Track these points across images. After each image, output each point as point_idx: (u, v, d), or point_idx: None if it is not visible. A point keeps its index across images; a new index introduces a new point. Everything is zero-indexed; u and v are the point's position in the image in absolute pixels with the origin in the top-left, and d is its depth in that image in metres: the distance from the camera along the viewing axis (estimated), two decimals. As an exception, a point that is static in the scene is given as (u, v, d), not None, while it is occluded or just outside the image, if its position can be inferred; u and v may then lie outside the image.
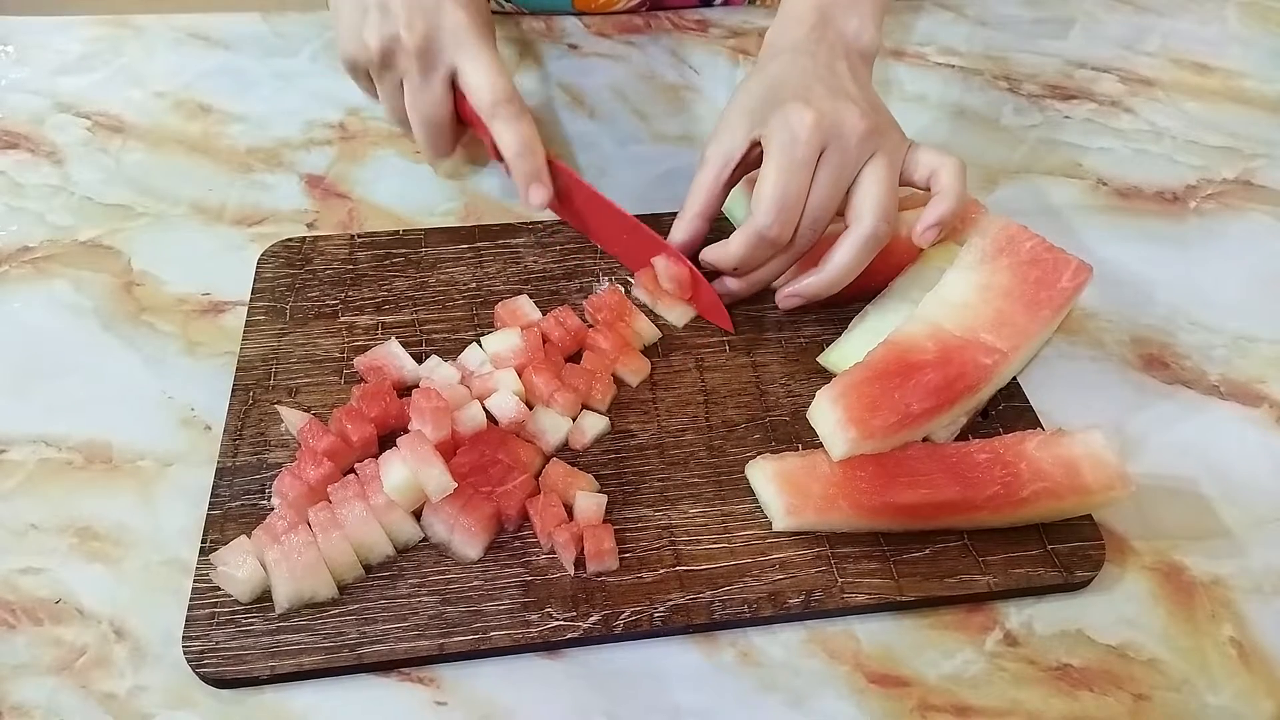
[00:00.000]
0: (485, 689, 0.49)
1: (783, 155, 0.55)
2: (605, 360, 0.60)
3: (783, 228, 0.56)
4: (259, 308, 0.64)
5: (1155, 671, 0.50)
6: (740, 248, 0.58)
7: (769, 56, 0.62)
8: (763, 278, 0.61)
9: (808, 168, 0.55)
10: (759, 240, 0.57)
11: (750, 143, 0.59)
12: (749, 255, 0.58)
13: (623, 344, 0.60)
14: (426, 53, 0.61)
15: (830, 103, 0.56)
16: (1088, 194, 0.76)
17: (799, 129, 0.55)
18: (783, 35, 0.62)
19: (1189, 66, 0.88)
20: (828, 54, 0.60)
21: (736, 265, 0.59)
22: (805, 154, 0.55)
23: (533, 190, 0.62)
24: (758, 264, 0.59)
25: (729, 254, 0.58)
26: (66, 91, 0.81)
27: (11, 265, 0.68)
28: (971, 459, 0.53)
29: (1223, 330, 0.66)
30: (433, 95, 0.63)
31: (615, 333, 0.61)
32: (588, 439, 0.57)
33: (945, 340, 0.56)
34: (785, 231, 0.56)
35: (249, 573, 0.49)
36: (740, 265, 0.59)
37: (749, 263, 0.59)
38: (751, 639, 0.51)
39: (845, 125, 0.56)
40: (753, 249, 0.57)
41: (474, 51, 0.62)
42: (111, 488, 0.56)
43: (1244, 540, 0.55)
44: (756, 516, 0.54)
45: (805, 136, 0.55)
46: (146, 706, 0.48)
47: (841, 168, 0.56)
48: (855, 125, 0.56)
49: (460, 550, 0.51)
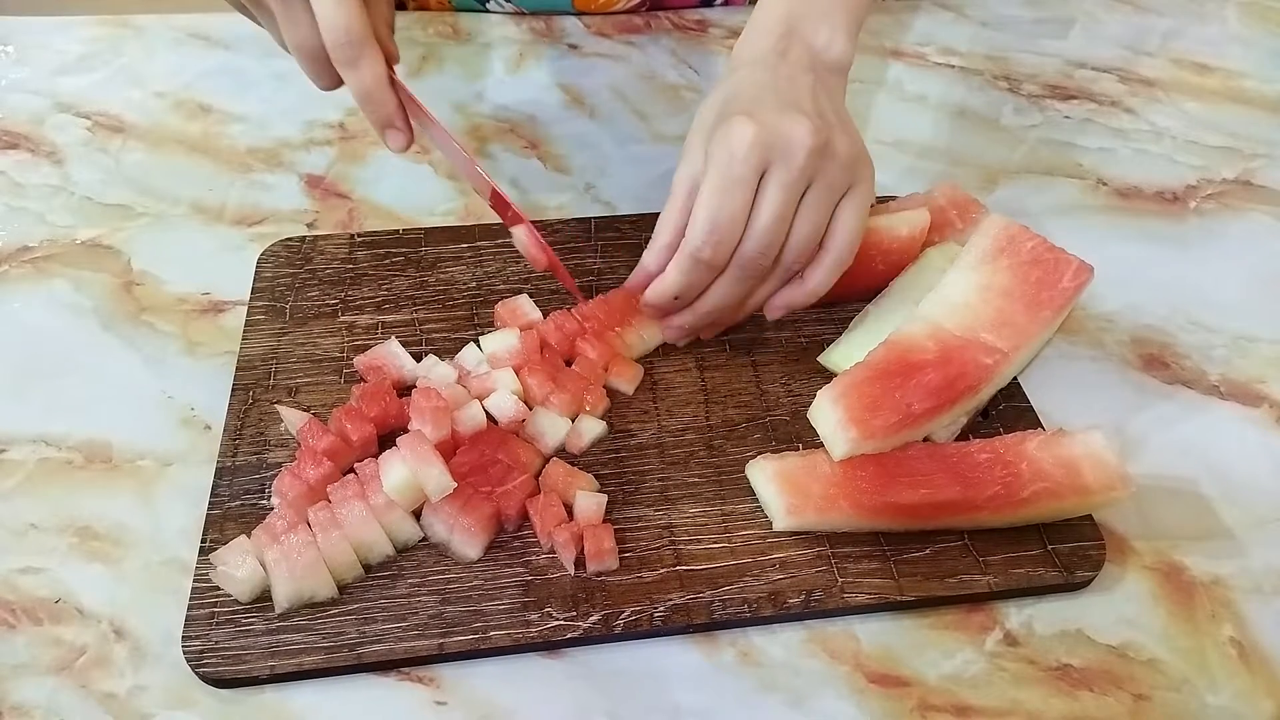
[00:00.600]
0: (485, 689, 0.49)
1: (717, 173, 0.52)
2: (595, 371, 0.59)
3: (716, 249, 0.52)
4: (259, 307, 0.64)
5: (1155, 671, 0.50)
6: (676, 274, 0.54)
7: (730, 70, 0.59)
8: (711, 306, 0.57)
9: (745, 185, 0.52)
10: (693, 264, 0.53)
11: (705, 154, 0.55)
12: (686, 282, 0.54)
13: (611, 353, 0.60)
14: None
15: (775, 116, 0.52)
16: (1088, 194, 0.76)
17: (737, 145, 0.51)
18: (747, 48, 0.59)
19: (1189, 66, 0.88)
20: (790, 67, 0.56)
21: (676, 294, 0.55)
22: (742, 171, 0.51)
23: (388, 136, 0.57)
24: (697, 290, 0.56)
25: (666, 283, 0.55)
26: (66, 91, 0.81)
27: (11, 265, 0.68)
28: (972, 459, 0.53)
29: (1223, 330, 0.66)
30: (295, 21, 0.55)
31: (604, 342, 0.60)
32: (585, 443, 0.57)
33: (946, 340, 0.56)
34: (720, 253, 0.53)
35: (248, 572, 0.49)
36: (680, 294, 0.55)
37: (689, 290, 0.55)
38: (751, 639, 0.51)
39: (792, 140, 0.52)
40: (688, 274, 0.54)
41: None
42: (111, 487, 0.56)
43: (1244, 540, 0.55)
44: (756, 516, 0.54)
45: (743, 153, 0.51)
46: (146, 706, 0.48)
47: (788, 186, 0.52)
48: (802, 140, 0.51)
49: (460, 550, 0.51)
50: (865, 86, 0.85)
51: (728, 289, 0.56)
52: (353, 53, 0.54)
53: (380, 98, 0.55)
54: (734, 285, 0.55)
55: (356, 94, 0.55)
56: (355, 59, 0.54)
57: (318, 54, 0.56)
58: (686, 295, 0.56)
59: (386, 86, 0.55)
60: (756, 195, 0.52)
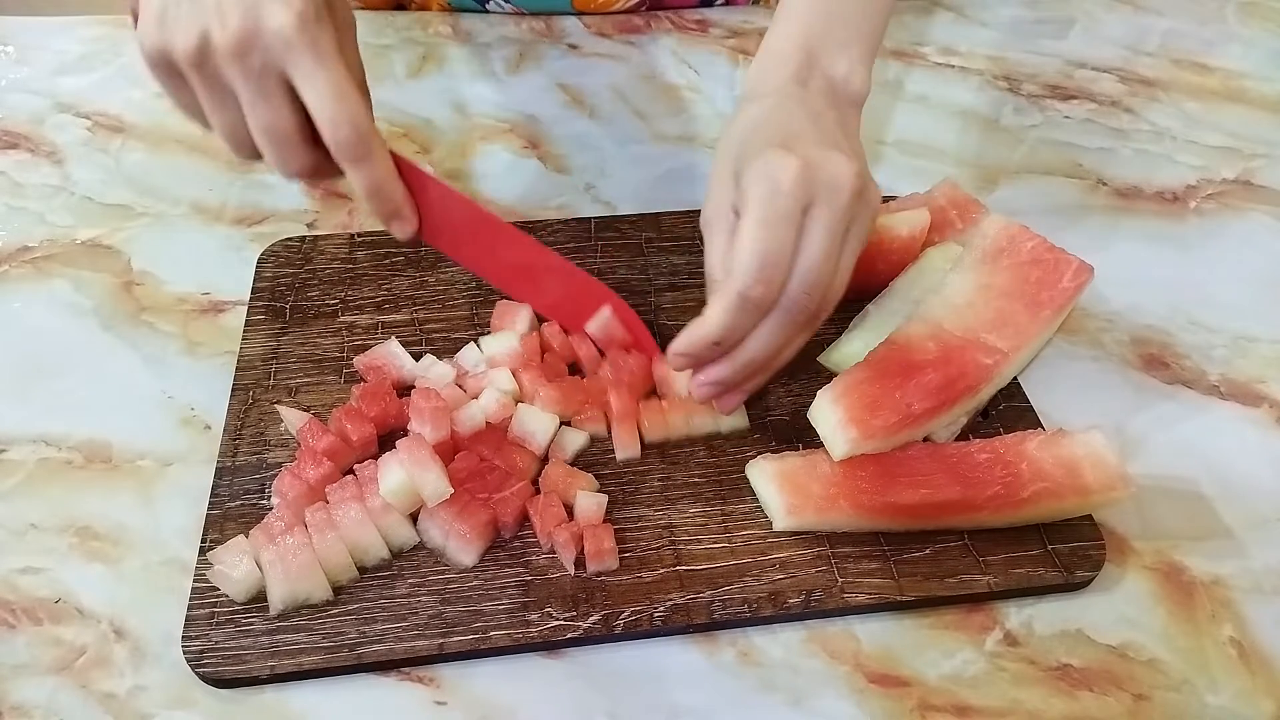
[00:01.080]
0: (485, 689, 0.49)
1: (762, 207, 0.48)
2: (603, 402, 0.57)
3: (767, 288, 0.48)
4: (259, 307, 0.64)
5: (1155, 671, 0.50)
6: (721, 315, 0.49)
7: (749, 99, 0.55)
8: (752, 355, 0.51)
9: (791, 221, 0.48)
10: (741, 303, 0.48)
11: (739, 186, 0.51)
12: (731, 324, 0.49)
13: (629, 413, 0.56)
14: (247, 56, 0.48)
15: (818, 152, 0.49)
16: (1088, 194, 0.76)
17: (782, 178, 0.47)
18: (765, 78, 0.55)
19: (1189, 66, 0.88)
20: (814, 99, 0.54)
21: (719, 339, 0.50)
22: (788, 206, 0.47)
23: (394, 226, 0.55)
24: (740, 335, 0.50)
25: (708, 326, 0.49)
26: (66, 91, 0.82)
27: (11, 265, 0.68)
28: (972, 459, 0.53)
29: (1223, 330, 0.66)
30: (269, 105, 0.50)
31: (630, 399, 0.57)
32: (568, 455, 0.56)
33: (946, 340, 0.56)
34: (770, 293, 0.48)
35: (244, 573, 0.49)
36: (723, 338, 0.50)
37: (732, 333, 0.50)
38: (751, 639, 0.51)
39: (838, 179, 0.48)
40: (734, 315, 0.49)
41: (309, 68, 0.48)
42: (111, 487, 0.56)
43: (1244, 540, 0.55)
44: (756, 516, 0.54)
45: (788, 187, 0.47)
46: (146, 706, 0.48)
47: (832, 226, 0.48)
48: (847, 181, 0.48)
49: (455, 556, 0.51)
50: (865, 86, 0.85)
51: (771, 334, 0.50)
52: (363, 150, 0.50)
53: (389, 191, 0.53)
54: (778, 330, 0.50)
55: (365, 189, 0.52)
56: (366, 155, 0.51)
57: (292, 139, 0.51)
58: (728, 340, 0.50)
59: (396, 178, 0.53)
60: (799, 236, 0.48)
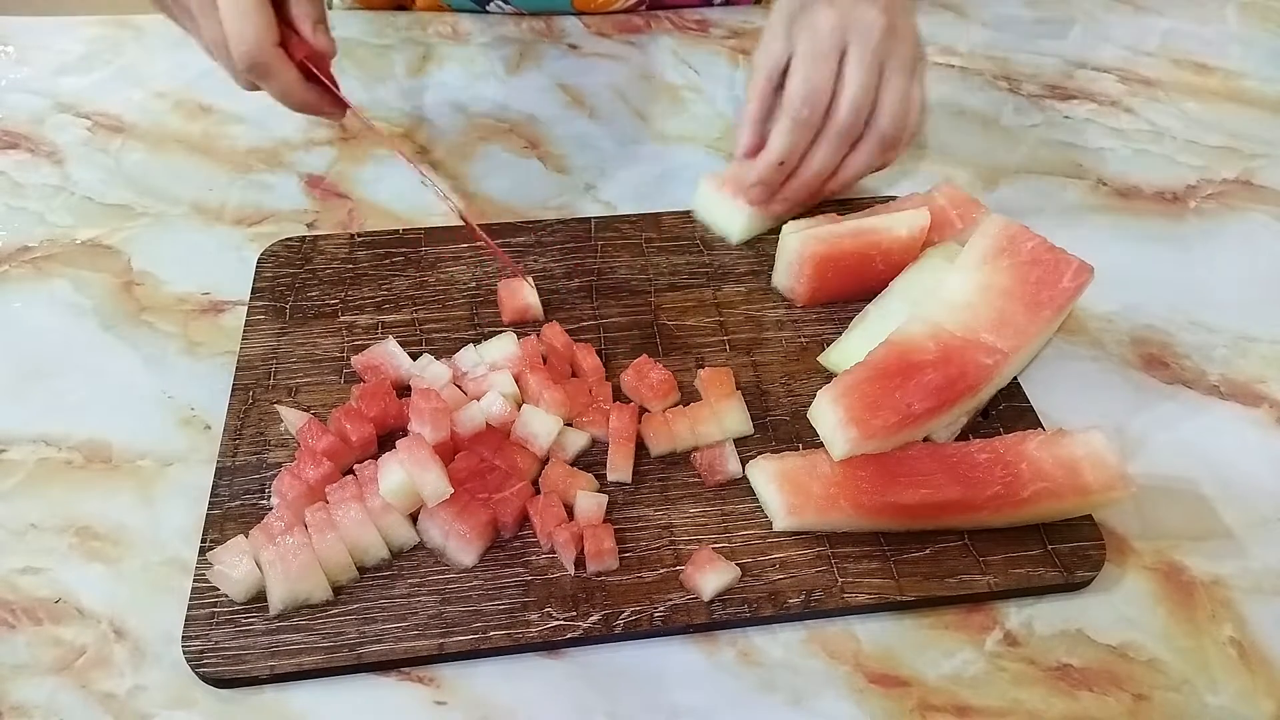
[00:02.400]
0: (485, 689, 0.49)
1: (806, 47, 0.60)
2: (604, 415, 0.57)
3: (814, 109, 0.60)
4: (259, 307, 0.64)
5: (1155, 671, 0.50)
6: (780, 138, 0.61)
7: None
8: (816, 170, 0.63)
9: (830, 59, 0.60)
10: (795, 125, 0.61)
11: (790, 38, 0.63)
12: (790, 143, 0.62)
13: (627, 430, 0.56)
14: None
15: (853, 4, 0.61)
16: (1088, 194, 0.76)
17: (821, 25, 0.60)
18: None
19: (1189, 66, 0.88)
20: None
21: (782, 159, 0.62)
22: (828, 46, 0.60)
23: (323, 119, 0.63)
24: (799, 153, 0.63)
25: (773, 150, 0.62)
26: (66, 91, 0.82)
27: (11, 265, 0.68)
28: (972, 459, 0.53)
29: (1223, 330, 0.66)
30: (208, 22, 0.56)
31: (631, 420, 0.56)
32: (569, 455, 0.56)
33: (946, 340, 0.56)
34: (817, 113, 0.61)
35: (244, 573, 0.49)
36: (785, 157, 0.62)
37: (793, 152, 0.62)
38: (751, 639, 0.51)
39: (865, 21, 0.60)
40: (791, 136, 0.61)
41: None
42: (111, 487, 0.56)
43: (1244, 540, 0.55)
44: (756, 516, 0.54)
45: (826, 32, 0.60)
46: (146, 706, 0.48)
47: (865, 59, 0.60)
48: (875, 21, 0.60)
49: (455, 557, 0.51)
50: (865, 86, 0.85)
51: (828, 152, 0.63)
52: (259, 69, 0.56)
53: (298, 100, 0.59)
54: (833, 149, 0.63)
55: (276, 99, 0.59)
56: (263, 74, 0.57)
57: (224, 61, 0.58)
58: (790, 159, 0.63)
59: (301, 90, 0.59)
60: (840, 68, 0.61)
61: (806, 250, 0.61)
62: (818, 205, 0.69)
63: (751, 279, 0.66)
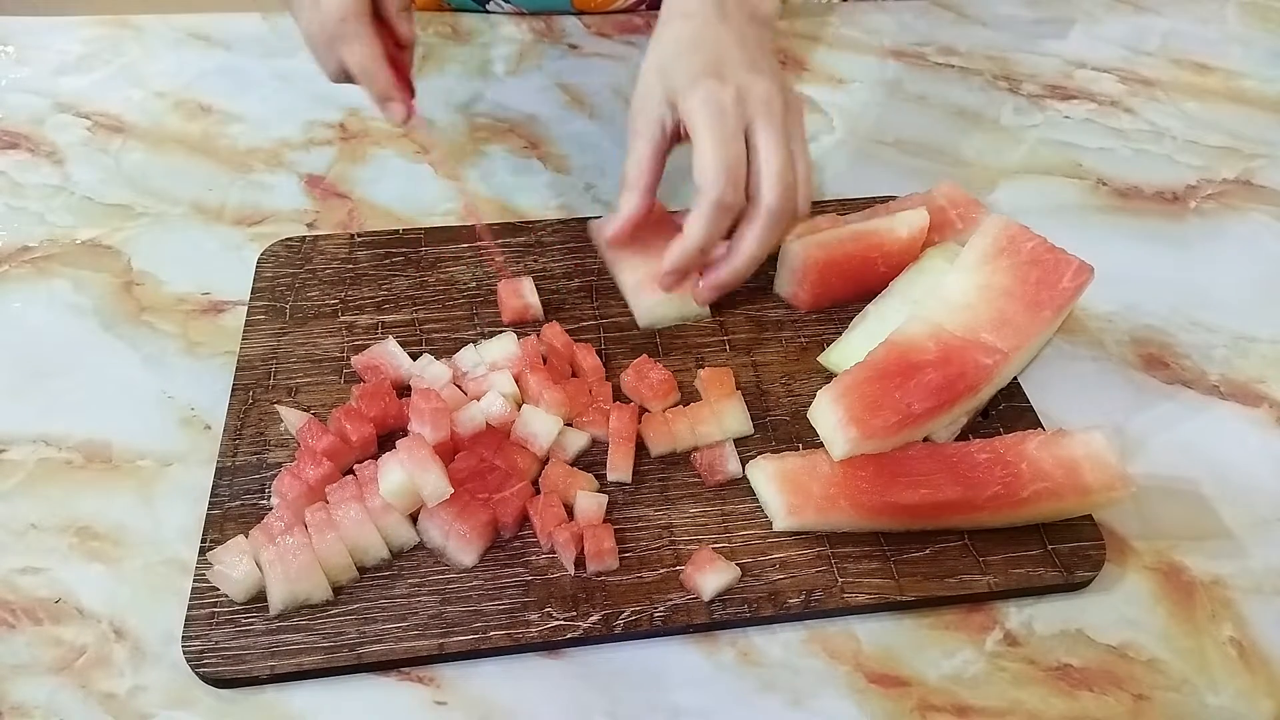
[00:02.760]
0: (485, 688, 0.49)
1: (711, 129, 0.55)
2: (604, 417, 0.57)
3: (735, 191, 0.56)
4: (259, 307, 0.64)
5: (1155, 671, 0.50)
6: (700, 224, 0.56)
7: (670, 18, 0.60)
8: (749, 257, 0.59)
9: (739, 138, 0.56)
10: (715, 209, 0.56)
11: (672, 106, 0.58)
12: (710, 230, 0.56)
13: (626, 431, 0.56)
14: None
15: (748, 77, 0.57)
16: (1088, 194, 0.76)
17: (724, 102, 0.55)
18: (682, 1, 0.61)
19: (1189, 66, 0.88)
20: (736, 22, 0.59)
21: (702, 246, 0.57)
22: (734, 125, 0.55)
23: (386, 109, 0.62)
24: (717, 238, 0.58)
25: (691, 237, 0.57)
26: (66, 91, 0.82)
27: (11, 265, 0.68)
28: (972, 459, 0.53)
29: (1223, 330, 0.66)
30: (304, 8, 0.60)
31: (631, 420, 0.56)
32: (569, 455, 0.56)
33: (946, 340, 0.56)
34: (738, 196, 0.56)
35: (244, 573, 0.49)
36: (705, 244, 0.57)
37: (711, 238, 0.57)
38: (751, 639, 0.51)
39: (763, 96, 0.56)
40: (712, 221, 0.56)
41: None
42: (111, 487, 0.56)
43: (1244, 540, 0.55)
44: (756, 516, 0.54)
45: (730, 110, 0.55)
46: (146, 706, 0.48)
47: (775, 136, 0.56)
48: (773, 95, 0.56)
49: (455, 557, 0.51)
50: (865, 86, 0.85)
51: (762, 239, 0.58)
52: (344, 29, 0.58)
53: (374, 73, 0.60)
54: (767, 234, 0.58)
55: (353, 70, 0.60)
56: (347, 36, 0.58)
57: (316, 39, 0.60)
58: (709, 245, 0.58)
59: (381, 63, 0.59)
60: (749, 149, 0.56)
61: (809, 257, 0.61)
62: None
63: (751, 279, 0.66)
